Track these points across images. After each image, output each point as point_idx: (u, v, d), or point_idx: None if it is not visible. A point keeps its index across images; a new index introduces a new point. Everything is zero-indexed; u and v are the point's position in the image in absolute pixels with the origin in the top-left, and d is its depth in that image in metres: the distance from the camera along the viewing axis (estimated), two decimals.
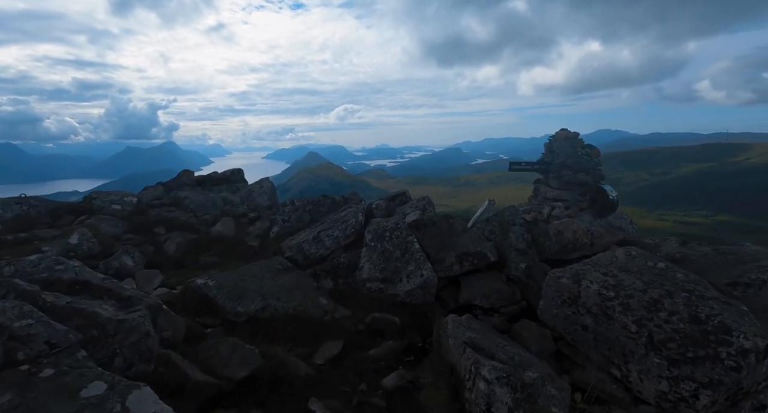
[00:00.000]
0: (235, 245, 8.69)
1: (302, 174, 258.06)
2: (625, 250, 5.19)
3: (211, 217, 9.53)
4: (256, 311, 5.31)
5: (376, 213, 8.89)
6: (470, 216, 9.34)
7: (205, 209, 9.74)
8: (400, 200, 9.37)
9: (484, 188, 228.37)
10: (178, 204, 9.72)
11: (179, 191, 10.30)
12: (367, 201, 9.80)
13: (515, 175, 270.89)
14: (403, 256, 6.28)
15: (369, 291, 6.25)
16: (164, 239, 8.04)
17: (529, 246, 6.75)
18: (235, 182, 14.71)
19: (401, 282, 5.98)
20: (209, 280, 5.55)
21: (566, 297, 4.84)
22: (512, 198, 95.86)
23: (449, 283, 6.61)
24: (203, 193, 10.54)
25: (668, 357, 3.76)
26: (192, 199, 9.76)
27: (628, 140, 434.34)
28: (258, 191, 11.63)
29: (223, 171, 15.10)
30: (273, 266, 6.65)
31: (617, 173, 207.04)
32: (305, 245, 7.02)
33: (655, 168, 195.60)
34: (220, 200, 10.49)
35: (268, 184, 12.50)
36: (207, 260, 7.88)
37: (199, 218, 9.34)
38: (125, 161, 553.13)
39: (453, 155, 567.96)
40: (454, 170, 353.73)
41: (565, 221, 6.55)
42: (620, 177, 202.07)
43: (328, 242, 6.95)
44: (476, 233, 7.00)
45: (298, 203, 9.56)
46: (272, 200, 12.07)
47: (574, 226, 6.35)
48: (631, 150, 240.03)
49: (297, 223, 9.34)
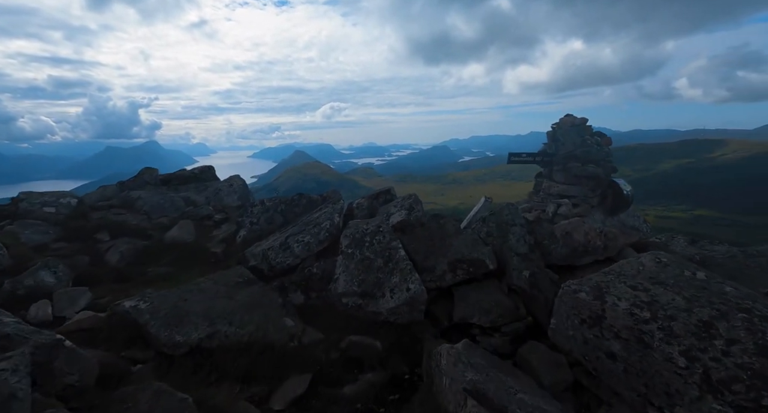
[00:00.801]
0: (194, 253, 7.54)
1: (289, 173, 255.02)
2: (652, 256, 4.28)
3: (169, 220, 8.34)
4: (200, 340, 4.23)
5: (357, 214, 7.86)
6: (461, 215, 8.40)
7: (162, 210, 8.55)
8: (384, 198, 8.35)
9: (472, 185, 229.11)
10: (129, 206, 8.50)
11: (132, 192, 9.07)
12: (354, 200, 8.78)
13: (503, 171, 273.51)
14: (386, 265, 5.26)
15: (346, 308, 5.21)
16: (106, 248, 6.85)
17: (532, 250, 5.81)
18: (205, 181, 13.46)
19: (384, 298, 4.96)
20: (141, 301, 4.43)
21: (586, 316, 3.90)
22: (501, 196, 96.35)
23: (441, 295, 5.64)
24: (162, 193, 9.33)
25: (734, 403, 2.84)
26: (146, 200, 8.55)
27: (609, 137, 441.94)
28: (226, 190, 10.45)
29: (191, 168, 13.81)
30: (231, 278, 5.55)
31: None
32: (271, 253, 5.93)
33: (637, 164, 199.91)
34: (181, 201, 9.29)
35: (239, 182, 11.31)
36: (157, 272, 6.73)
37: (153, 221, 8.15)
38: (105, 161, 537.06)
39: (440, 153, 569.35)
40: (442, 167, 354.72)
41: (575, 221, 5.64)
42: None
43: (298, 249, 5.88)
44: (471, 235, 6.03)
45: (269, 203, 8.45)
46: (243, 199, 10.89)
47: (585, 226, 5.45)
48: (614, 147, 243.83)
49: (267, 225, 8.23)
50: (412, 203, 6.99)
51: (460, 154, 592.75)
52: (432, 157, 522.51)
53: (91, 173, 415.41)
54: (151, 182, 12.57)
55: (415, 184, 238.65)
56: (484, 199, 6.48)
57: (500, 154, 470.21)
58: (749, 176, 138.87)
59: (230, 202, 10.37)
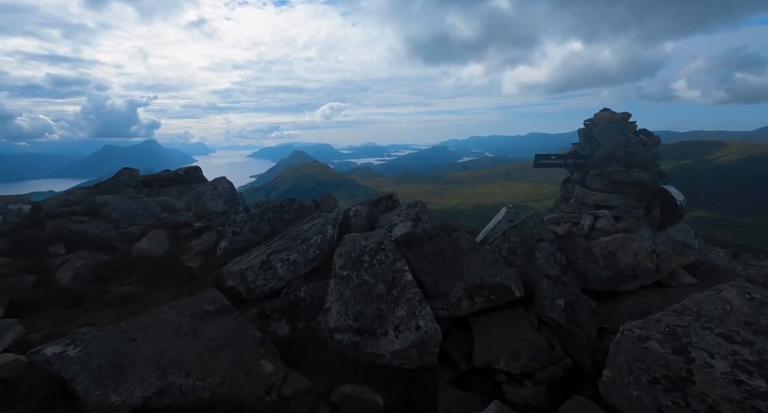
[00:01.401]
0: (165, 268, 6.51)
1: (288, 173, 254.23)
2: (738, 290, 3.28)
3: (140, 229, 7.30)
4: (145, 399, 3.20)
5: (354, 223, 6.84)
6: (460, 217, 7.33)
7: (133, 218, 7.51)
8: (386, 204, 7.33)
9: (471, 185, 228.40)
10: (95, 212, 7.47)
11: (99, 196, 8.01)
12: (352, 201, 7.76)
13: (502, 172, 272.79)
14: (389, 293, 4.25)
15: (339, 346, 4.20)
16: (59, 263, 5.81)
17: (565, 272, 4.81)
18: (191, 183, 12.40)
19: (386, 336, 3.95)
20: (71, 346, 3.40)
21: (661, 375, 2.90)
22: (500, 196, 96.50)
23: (455, 325, 4.64)
24: (134, 197, 8.28)
25: None
26: (115, 205, 7.52)
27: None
28: (210, 194, 9.40)
29: (176, 169, 12.76)
30: (200, 306, 4.52)
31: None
32: (250, 274, 4.91)
33: None
34: (157, 206, 8.25)
35: (225, 184, 10.27)
36: (119, 292, 5.70)
37: (121, 230, 7.11)
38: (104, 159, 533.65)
39: (439, 153, 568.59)
40: (441, 167, 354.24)
41: (620, 238, 4.65)
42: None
43: (282, 269, 4.86)
44: (490, 253, 5.02)
45: (255, 209, 7.42)
46: (230, 204, 9.86)
47: (634, 245, 4.46)
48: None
49: (252, 235, 7.20)
50: (418, 212, 5.98)
51: (459, 154, 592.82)
52: (431, 157, 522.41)
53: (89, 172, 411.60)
54: (130, 183, 11.51)
55: (415, 184, 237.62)
56: (506, 209, 5.48)
57: (499, 154, 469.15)
58: (748, 177, 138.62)
59: (214, 207, 9.34)
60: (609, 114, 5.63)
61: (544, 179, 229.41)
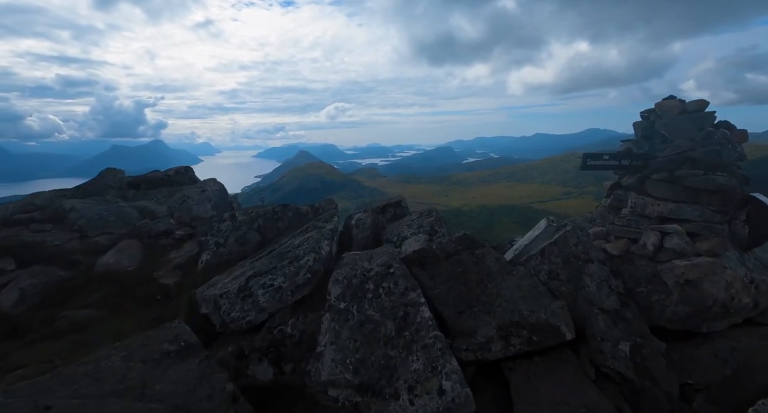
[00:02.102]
0: (135, 286, 5.53)
1: (293, 173, 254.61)
2: None
3: (110, 239, 6.34)
4: None
5: (356, 235, 5.81)
6: (464, 218, 6.23)
7: (104, 225, 6.55)
8: (393, 212, 6.29)
9: (476, 186, 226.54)
10: (59, 219, 6.53)
11: (66, 200, 7.04)
12: (357, 202, 6.74)
13: (507, 173, 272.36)
14: (399, 335, 3.21)
15: (335, 405, 3.17)
16: (4, 282, 4.85)
17: (625, 304, 3.75)
18: (181, 184, 11.46)
19: (398, 400, 2.91)
20: None
21: None
22: (505, 197, 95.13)
23: (482, 372, 3.61)
24: (108, 202, 7.31)
25: None
26: (83, 211, 6.56)
27: (617, 139, 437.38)
28: (197, 197, 8.43)
29: (165, 169, 11.83)
30: (157, 345, 3.52)
31: (606, 172, 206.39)
32: (224, 303, 3.90)
33: None
34: (135, 212, 7.29)
35: (215, 187, 9.28)
36: (73, 319, 4.73)
37: (87, 241, 6.15)
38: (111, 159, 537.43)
39: (444, 154, 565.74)
40: (445, 168, 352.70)
41: (705, 265, 3.59)
42: (609, 175, 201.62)
43: (264, 298, 3.84)
44: (527, 278, 3.97)
45: (243, 216, 6.42)
46: (219, 209, 8.88)
47: (727, 274, 3.39)
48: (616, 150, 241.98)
49: (239, 247, 6.21)
50: (433, 223, 4.93)
51: (464, 155, 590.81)
52: (436, 158, 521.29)
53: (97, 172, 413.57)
54: (114, 185, 10.59)
55: (419, 185, 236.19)
56: (546, 222, 4.43)
57: (505, 155, 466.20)
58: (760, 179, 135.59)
59: (201, 212, 8.36)
60: (677, 103, 4.55)
61: (550, 180, 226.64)
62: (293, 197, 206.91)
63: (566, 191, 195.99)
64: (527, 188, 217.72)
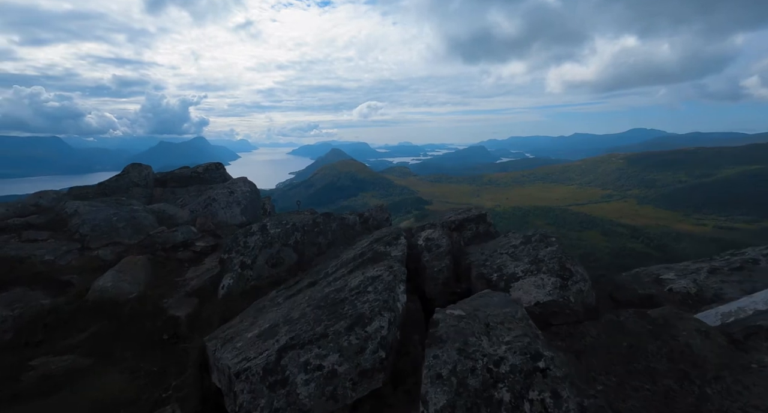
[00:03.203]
0: (136, 319, 4.22)
1: (325, 170, 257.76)
2: None
3: (116, 251, 5.09)
4: None
5: (429, 263, 4.16)
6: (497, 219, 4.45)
7: (111, 233, 5.34)
8: (475, 230, 4.61)
9: (509, 186, 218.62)
10: (59, 225, 5.38)
11: (69, 202, 5.89)
12: (388, 200, 5.15)
13: (542, 174, 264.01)
14: None
15: None
16: None
17: None
18: (210, 183, 10.33)
19: None
20: None
21: None
22: (540, 199, 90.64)
23: None
24: (120, 204, 6.12)
25: None
26: (87, 215, 5.37)
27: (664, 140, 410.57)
28: (224, 200, 7.13)
29: (194, 166, 10.77)
30: None
31: (651, 174, 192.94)
32: (243, 389, 2.40)
33: (695, 169, 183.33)
34: (151, 217, 6.06)
35: (245, 188, 7.95)
36: (48, 369, 3.45)
37: (87, 255, 4.93)
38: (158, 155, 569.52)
39: (477, 154, 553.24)
40: (478, 168, 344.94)
41: None
42: (654, 178, 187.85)
43: (307, 391, 2.27)
44: None
45: (275, 229, 4.98)
46: (249, 214, 7.54)
47: None
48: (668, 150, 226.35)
49: (270, 270, 4.78)
50: (561, 257, 3.20)
51: (497, 155, 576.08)
52: (468, 157, 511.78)
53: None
54: (139, 182, 9.58)
55: (450, 184, 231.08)
56: None
57: (541, 155, 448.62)
58: None
59: (228, 218, 7.06)
60: None
61: (589, 181, 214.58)
62: (325, 193, 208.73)
63: (607, 193, 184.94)
64: (564, 189, 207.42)
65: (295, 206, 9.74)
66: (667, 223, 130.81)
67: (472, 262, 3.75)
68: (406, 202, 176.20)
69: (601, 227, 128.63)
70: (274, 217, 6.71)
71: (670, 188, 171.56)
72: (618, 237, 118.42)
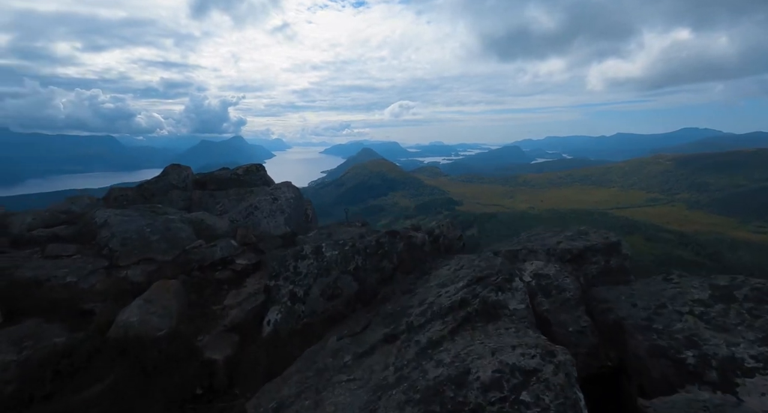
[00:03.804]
0: (165, 364, 3.39)
1: (356, 169, 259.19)
2: None
3: (146, 271, 4.31)
4: None
5: (549, 315, 2.99)
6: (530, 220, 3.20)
7: (144, 248, 4.58)
8: (602, 264, 3.41)
9: (545, 188, 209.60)
10: (88, 237, 4.68)
11: (100, 211, 5.17)
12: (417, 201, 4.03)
13: (581, 175, 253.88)
14: None
15: None
16: None
17: None
18: (250, 186, 9.64)
19: None
20: None
21: None
22: (578, 201, 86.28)
23: None
24: (153, 213, 5.36)
25: None
26: (116, 228, 4.62)
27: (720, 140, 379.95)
28: (267, 208, 6.30)
29: (234, 168, 10.12)
30: None
31: (704, 177, 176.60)
32: None
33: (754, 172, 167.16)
34: (188, 228, 5.29)
35: (289, 194, 7.08)
36: None
37: (115, 276, 4.17)
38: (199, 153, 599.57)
39: (511, 154, 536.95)
40: (512, 169, 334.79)
41: None
42: (707, 182, 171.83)
43: None
44: None
45: (331, 251, 4.02)
46: (294, 223, 6.68)
47: None
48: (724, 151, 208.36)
49: (326, 303, 3.83)
50: None
51: (533, 155, 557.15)
52: (502, 157, 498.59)
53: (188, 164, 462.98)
54: (179, 185, 9.01)
55: (482, 185, 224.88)
56: None
57: (580, 156, 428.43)
58: None
59: (271, 228, 6.21)
60: None
61: (632, 184, 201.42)
62: (355, 192, 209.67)
63: (652, 197, 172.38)
64: (604, 192, 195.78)
65: (328, 208, 8.88)
66: (722, 230, 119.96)
67: (623, 319, 2.58)
68: (436, 202, 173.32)
69: (644, 232, 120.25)
70: (324, 231, 5.78)
71: (726, 192, 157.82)
72: (664, 244, 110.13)
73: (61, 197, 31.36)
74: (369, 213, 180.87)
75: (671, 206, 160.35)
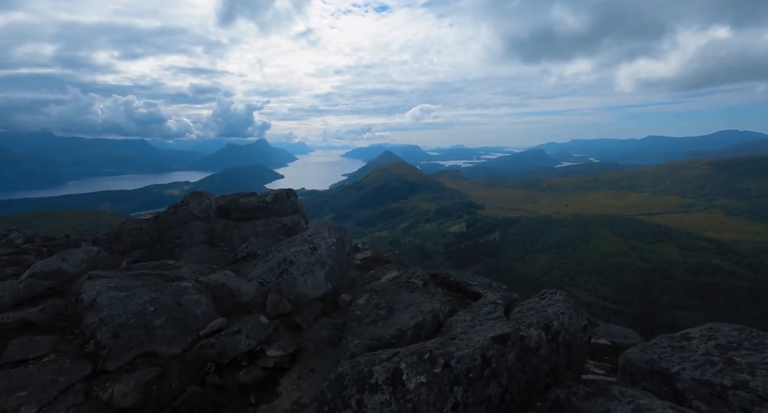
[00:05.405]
0: None
1: (377, 172, 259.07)
2: None
3: (142, 380, 2.99)
4: None
5: None
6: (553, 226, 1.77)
7: (144, 337, 3.24)
8: None
9: (569, 193, 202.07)
10: (70, 323, 3.31)
11: (88, 282, 3.84)
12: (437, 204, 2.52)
13: (609, 179, 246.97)
14: None
15: None
16: None
17: None
18: (280, 215, 8.35)
19: None
20: None
21: None
22: (605, 207, 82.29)
23: None
24: (155, 282, 3.97)
25: None
26: (108, 311, 3.27)
27: (761, 143, 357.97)
28: (304, 261, 4.92)
29: (262, 194, 8.86)
30: None
31: (744, 182, 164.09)
32: None
33: None
34: (204, 300, 3.96)
35: (330, 240, 5.64)
36: None
37: (98, 389, 2.86)
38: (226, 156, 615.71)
39: (535, 157, 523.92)
40: (535, 172, 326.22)
41: None
42: (748, 187, 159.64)
43: None
44: None
45: (419, 377, 2.59)
46: (335, 277, 5.27)
47: None
48: (767, 155, 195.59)
49: None
50: None
51: (557, 159, 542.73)
52: (525, 161, 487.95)
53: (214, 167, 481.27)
54: (200, 215, 7.81)
55: (505, 189, 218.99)
56: None
57: (607, 160, 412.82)
58: None
59: (309, 289, 4.84)
60: None
61: (665, 189, 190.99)
62: (376, 195, 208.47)
63: (686, 203, 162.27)
64: (634, 197, 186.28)
65: (349, 211, 7.39)
66: (764, 238, 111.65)
67: None
68: (457, 206, 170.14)
69: (678, 239, 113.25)
70: (375, 296, 4.32)
71: None
72: (699, 252, 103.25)
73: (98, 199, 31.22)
74: (389, 216, 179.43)
75: (708, 213, 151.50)
